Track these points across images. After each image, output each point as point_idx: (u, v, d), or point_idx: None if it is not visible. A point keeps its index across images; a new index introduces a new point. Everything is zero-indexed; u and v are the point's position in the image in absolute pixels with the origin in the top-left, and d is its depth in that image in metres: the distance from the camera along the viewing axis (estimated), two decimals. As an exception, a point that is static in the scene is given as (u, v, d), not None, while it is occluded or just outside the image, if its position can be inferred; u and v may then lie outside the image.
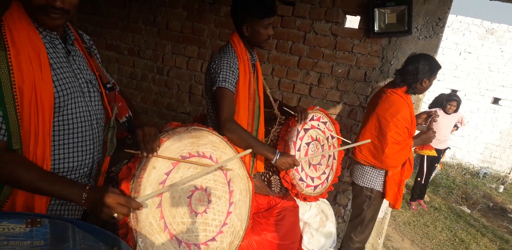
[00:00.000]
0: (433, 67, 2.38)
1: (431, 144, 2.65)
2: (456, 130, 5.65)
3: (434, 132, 2.51)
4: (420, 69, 2.35)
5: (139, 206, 1.12)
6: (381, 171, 2.52)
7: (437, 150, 5.34)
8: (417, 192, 5.45)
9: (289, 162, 1.84)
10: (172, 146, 1.30)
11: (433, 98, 5.65)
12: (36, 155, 1.09)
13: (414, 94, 2.51)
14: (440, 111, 5.26)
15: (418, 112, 2.74)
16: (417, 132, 2.57)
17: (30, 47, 1.08)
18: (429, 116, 2.59)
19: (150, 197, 1.17)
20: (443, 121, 5.22)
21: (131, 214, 1.14)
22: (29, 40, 1.08)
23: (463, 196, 6.46)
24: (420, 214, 5.21)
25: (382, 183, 2.53)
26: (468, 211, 5.82)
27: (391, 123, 2.34)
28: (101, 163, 1.31)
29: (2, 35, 1.04)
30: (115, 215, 1.05)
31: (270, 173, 2.02)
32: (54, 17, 1.09)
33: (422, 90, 2.46)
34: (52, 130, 1.12)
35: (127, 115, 1.41)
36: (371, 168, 2.52)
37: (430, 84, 2.43)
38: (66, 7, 1.09)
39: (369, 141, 2.29)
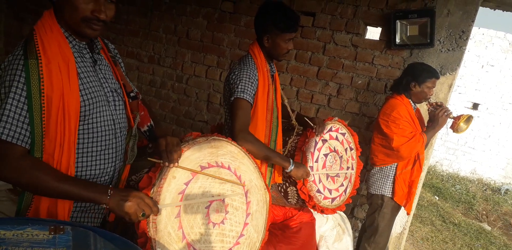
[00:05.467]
0: (419, 72, 2.45)
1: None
2: None
3: (442, 109, 2.45)
4: (408, 72, 2.49)
5: (158, 211, 1.14)
6: (389, 174, 2.55)
7: None
8: None
9: (305, 170, 1.86)
10: (192, 156, 1.30)
11: (455, 111, 5.51)
12: (60, 163, 1.10)
13: (411, 99, 2.53)
14: None
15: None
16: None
17: (60, 56, 1.10)
18: (431, 106, 2.54)
19: (169, 206, 1.19)
20: None
21: (150, 223, 1.15)
22: (60, 50, 1.10)
23: (484, 212, 6.26)
24: (439, 230, 5.06)
25: (391, 188, 2.56)
26: (489, 228, 5.62)
27: (389, 121, 2.45)
28: (121, 171, 1.32)
29: (34, 44, 1.07)
30: (143, 212, 1.08)
31: (287, 184, 1.99)
32: (96, 29, 1.14)
33: (417, 96, 2.50)
34: (77, 138, 1.14)
35: (148, 124, 1.42)
36: (379, 173, 2.58)
37: (422, 90, 2.47)
38: (107, 19, 1.13)
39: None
